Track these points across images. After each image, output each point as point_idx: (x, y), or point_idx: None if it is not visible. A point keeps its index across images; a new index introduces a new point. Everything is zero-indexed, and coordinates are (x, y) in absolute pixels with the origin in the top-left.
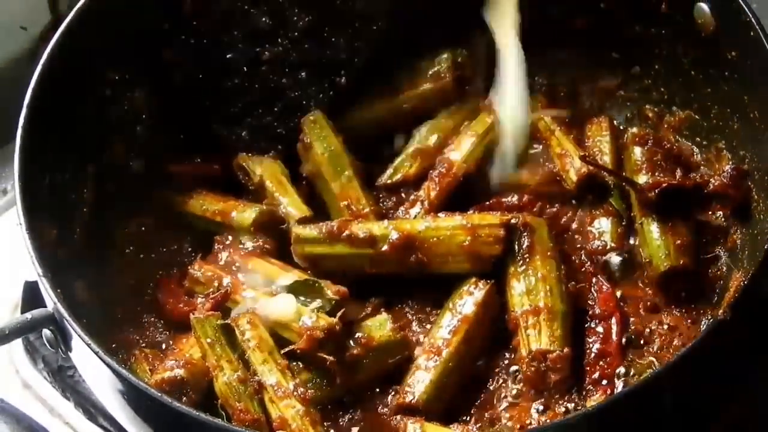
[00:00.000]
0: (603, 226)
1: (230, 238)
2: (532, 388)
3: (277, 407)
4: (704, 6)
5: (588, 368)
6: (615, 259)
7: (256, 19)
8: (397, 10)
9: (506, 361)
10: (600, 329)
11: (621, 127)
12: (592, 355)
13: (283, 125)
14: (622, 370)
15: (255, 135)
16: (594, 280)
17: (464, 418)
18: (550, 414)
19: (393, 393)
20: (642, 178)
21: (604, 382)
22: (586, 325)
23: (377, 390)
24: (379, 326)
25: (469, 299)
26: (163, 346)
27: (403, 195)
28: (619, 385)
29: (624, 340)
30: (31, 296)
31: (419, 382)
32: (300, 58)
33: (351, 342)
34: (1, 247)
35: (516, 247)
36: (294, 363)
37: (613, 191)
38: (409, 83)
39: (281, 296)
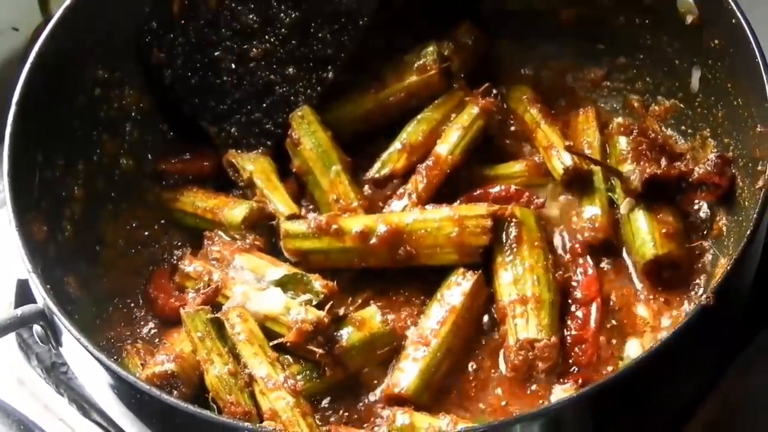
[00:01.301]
0: (590, 215)
1: (220, 233)
2: (520, 377)
3: (268, 399)
4: None
5: (564, 354)
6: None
7: (243, 16)
8: (383, 5)
9: (494, 351)
10: (579, 314)
11: (608, 115)
12: (568, 340)
13: (272, 121)
14: None
15: (244, 131)
16: (581, 260)
17: (452, 407)
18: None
19: (382, 383)
20: (627, 168)
21: (574, 369)
22: (569, 309)
23: (366, 381)
24: (369, 318)
25: (457, 290)
26: (155, 341)
27: (391, 189)
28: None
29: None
30: (24, 294)
31: (408, 372)
32: (287, 54)
33: (340, 334)
34: None
35: (503, 237)
36: (284, 356)
37: (599, 181)
38: (395, 77)
39: (270, 290)
